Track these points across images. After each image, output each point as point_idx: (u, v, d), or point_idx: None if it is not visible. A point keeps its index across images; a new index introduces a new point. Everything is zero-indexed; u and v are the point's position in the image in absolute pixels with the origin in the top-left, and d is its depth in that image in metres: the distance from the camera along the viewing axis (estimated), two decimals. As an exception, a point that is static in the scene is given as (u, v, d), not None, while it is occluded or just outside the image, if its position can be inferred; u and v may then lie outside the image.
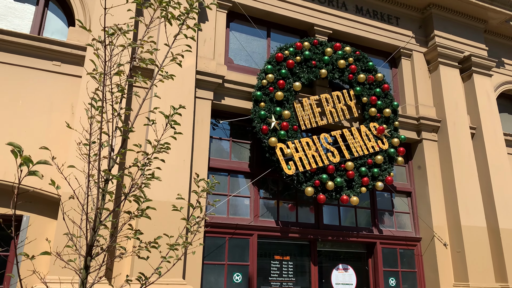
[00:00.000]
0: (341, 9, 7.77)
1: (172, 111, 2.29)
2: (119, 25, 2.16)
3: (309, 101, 6.85)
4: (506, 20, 8.76)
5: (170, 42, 2.45)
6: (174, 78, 2.35)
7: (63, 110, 5.35)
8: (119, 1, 3.91)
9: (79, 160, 2.49)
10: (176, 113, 2.27)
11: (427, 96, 7.99)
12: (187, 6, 2.40)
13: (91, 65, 4.98)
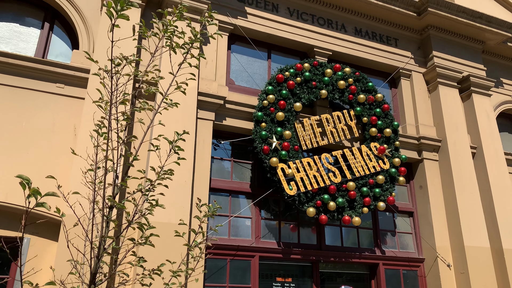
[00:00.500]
0: (340, 31, 7.89)
1: (176, 136, 2.32)
2: (125, 56, 2.21)
3: (310, 121, 6.89)
4: (503, 41, 8.89)
5: (174, 70, 2.50)
6: (176, 96, 2.39)
7: (65, 132, 5.39)
8: (125, 32, 3.99)
9: (81, 184, 2.50)
10: (180, 139, 2.30)
11: (427, 116, 8.04)
12: (191, 35, 2.46)
13: (94, 86, 5.05)
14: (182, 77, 2.62)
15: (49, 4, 6.08)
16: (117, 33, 2.72)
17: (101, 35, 5.59)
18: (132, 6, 2.08)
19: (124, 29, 3.77)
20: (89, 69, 5.59)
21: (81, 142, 4.95)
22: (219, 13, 6.92)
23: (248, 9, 7.21)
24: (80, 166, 4.28)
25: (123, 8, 2.06)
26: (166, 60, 5.72)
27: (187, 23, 2.40)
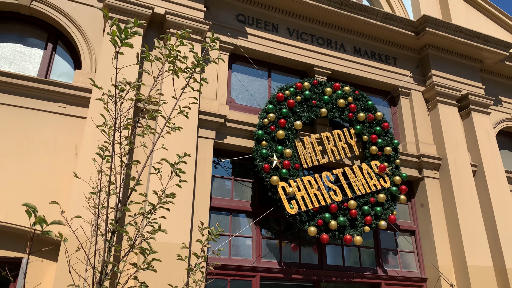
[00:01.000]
0: (339, 50, 7.99)
1: (177, 159, 2.33)
2: (128, 81, 2.24)
3: (310, 140, 6.91)
4: (501, 59, 8.99)
5: (177, 94, 2.53)
6: (178, 119, 2.41)
7: (67, 151, 5.40)
8: (128, 54, 4.05)
9: (83, 208, 2.49)
10: (181, 161, 2.31)
11: (427, 134, 8.07)
12: (194, 60, 2.50)
13: (96, 108, 5.08)
14: (184, 101, 2.64)
15: (52, 25, 6.17)
16: (120, 57, 2.76)
17: (103, 55, 5.66)
18: (136, 35, 2.11)
19: (127, 52, 3.82)
20: (91, 89, 5.63)
21: (82, 161, 4.95)
22: (220, 33, 7.02)
23: (249, 30, 7.32)
24: (81, 188, 4.27)
25: (127, 36, 2.09)
26: (168, 83, 5.76)
27: (190, 49, 2.44)
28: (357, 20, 7.86)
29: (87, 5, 6.26)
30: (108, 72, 5.47)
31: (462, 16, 9.23)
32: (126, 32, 2.08)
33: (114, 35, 2.10)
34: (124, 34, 2.09)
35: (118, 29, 2.10)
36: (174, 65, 2.32)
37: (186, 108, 2.35)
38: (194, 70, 2.39)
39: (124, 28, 2.04)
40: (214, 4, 7.16)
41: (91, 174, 3.67)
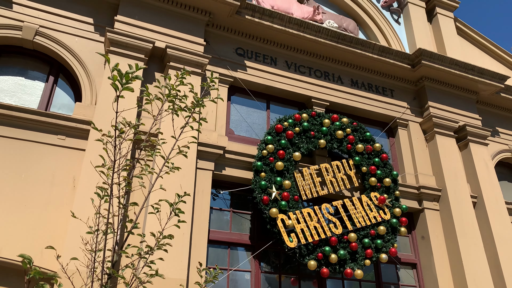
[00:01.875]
0: (337, 82, 8.10)
1: (176, 198, 2.31)
2: (128, 121, 2.26)
3: (309, 171, 6.90)
4: (496, 91, 9.12)
5: (176, 134, 2.54)
6: (176, 150, 2.40)
7: (64, 183, 5.37)
8: (128, 98, 4.07)
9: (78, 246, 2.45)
10: (181, 201, 2.29)
11: (426, 165, 8.07)
12: (193, 100, 2.52)
13: (94, 147, 5.07)
14: (183, 140, 2.64)
15: (54, 59, 6.27)
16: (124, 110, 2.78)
17: (104, 88, 5.71)
18: (137, 79, 2.14)
19: (127, 91, 3.85)
20: (90, 121, 5.64)
21: (79, 199, 4.90)
22: (219, 66, 7.13)
23: (248, 63, 7.44)
24: (78, 227, 4.20)
25: (128, 81, 2.12)
26: (168, 121, 5.76)
27: (189, 89, 2.47)
28: (353, 53, 8.02)
29: (89, 39, 6.39)
30: (108, 105, 5.52)
31: (457, 49, 9.43)
32: (127, 77, 2.11)
33: (115, 80, 2.12)
34: (125, 79, 2.12)
35: (119, 74, 2.13)
36: (174, 104, 2.34)
37: (185, 148, 2.36)
38: (193, 110, 2.41)
39: (125, 73, 2.07)
40: (213, 38, 7.32)
41: (89, 213, 3.62)
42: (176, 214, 2.24)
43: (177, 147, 2.34)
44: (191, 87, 2.53)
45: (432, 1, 9.90)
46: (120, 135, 2.18)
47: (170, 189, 5.24)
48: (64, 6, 6.40)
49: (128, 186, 2.18)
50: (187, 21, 6.93)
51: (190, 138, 2.44)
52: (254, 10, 7.31)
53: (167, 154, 2.39)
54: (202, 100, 2.47)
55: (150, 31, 6.56)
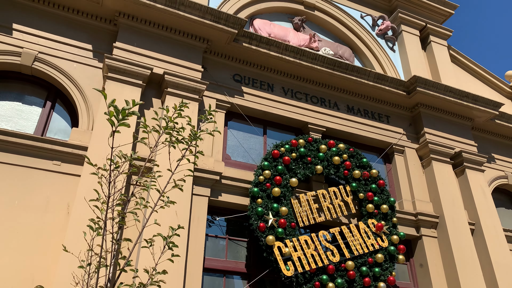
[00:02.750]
0: (333, 108, 8.16)
1: (170, 232, 2.28)
2: (124, 154, 2.24)
3: (306, 197, 6.85)
4: (491, 118, 9.20)
5: (173, 167, 2.52)
6: (171, 184, 2.38)
7: (58, 210, 5.29)
8: (125, 134, 4.06)
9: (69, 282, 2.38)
10: (175, 234, 2.25)
11: (423, 191, 8.04)
12: (190, 133, 2.52)
13: (87, 181, 5.02)
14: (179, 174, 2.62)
15: (52, 84, 6.29)
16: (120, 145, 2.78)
17: (101, 114, 5.72)
18: (133, 114, 2.15)
19: (126, 143, 3.81)
20: (86, 146, 5.64)
21: (72, 227, 4.82)
22: (217, 92, 7.18)
23: (245, 89, 7.51)
24: (70, 261, 4.09)
25: (124, 118, 2.12)
26: (165, 153, 5.71)
27: (187, 122, 2.47)
28: (349, 80, 8.12)
29: (88, 65, 6.44)
30: (104, 132, 5.49)
31: (451, 76, 9.57)
32: (124, 113, 2.11)
33: (111, 116, 2.12)
34: (121, 115, 2.12)
35: (115, 109, 2.13)
36: (171, 137, 2.34)
37: (181, 181, 2.34)
38: (190, 143, 2.40)
39: (122, 109, 2.07)
40: (211, 64, 7.40)
41: (81, 247, 3.55)
42: (169, 248, 2.20)
43: (173, 180, 2.32)
44: (189, 120, 2.53)
45: (425, 30, 10.11)
46: (115, 169, 2.16)
47: (165, 216, 5.18)
48: (63, 33, 6.48)
49: (122, 221, 2.14)
50: (185, 48, 7.02)
51: (187, 171, 2.41)
52: (251, 38, 7.43)
53: (163, 186, 2.36)
54: (199, 134, 2.47)
55: (148, 57, 6.63)
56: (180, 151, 2.43)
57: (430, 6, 10.29)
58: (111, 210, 2.09)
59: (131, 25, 6.72)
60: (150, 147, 2.42)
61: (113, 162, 2.18)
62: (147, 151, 5.38)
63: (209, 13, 6.86)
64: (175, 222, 5.38)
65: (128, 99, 5.99)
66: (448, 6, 10.42)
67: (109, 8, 6.60)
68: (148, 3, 6.54)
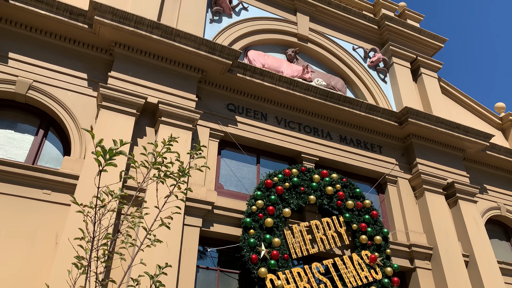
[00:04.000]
0: (326, 138, 8.22)
1: (157, 270, 2.23)
2: (111, 191, 2.23)
3: (299, 228, 6.79)
4: (482, 149, 9.30)
5: (161, 204, 2.50)
6: (161, 205, 2.34)
7: (47, 240, 5.18)
8: (114, 173, 4.04)
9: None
10: (162, 273, 2.21)
11: (416, 222, 8.01)
12: (181, 163, 2.52)
13: (73, 220, 4.92)
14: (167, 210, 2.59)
15: (45, 112, 6.29)
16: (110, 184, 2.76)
17: (90, 155, 5.65)
18: (121, 154, 2.15)
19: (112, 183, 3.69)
20: (78, 175, 5.59)
21: (57, 266, 4.70)
22: (210, 121, 7.22)
23: (238, 118, 7.56)
24: None
25: (111, 158, 2.12)
26: (153, 188, 5.61)
27: (176, 157, 2.47)
28: (342, 110, 8.21)
29: (82, 94, 6.46)
30: (93, 171, 5.39)
31: (442, 107, 9.73)
32: (111, 153, 2.11)
33: (99, 155, 2.12)
34: (109, 154, 2.12)
35: (102, 150, 2.13)
36: (159, 172, 2.33)
37: (168, 219, 2.31)
38: (179, 180, 2.39)
39: (109, 149, 2.07)
40: (205, 94, 7.47)
41: (66, 286, 3.45)
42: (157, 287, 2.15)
43: (160, 218, 2.29)
44: (178, 156, 2.53)
45: (416, 62, 10.35)
46: (101, 207, 2.14)
47: (155, 249, 5.08)
48: (59, 62, 6.53)
49: (107, 261, 2.10)
50: (180, 77, 7.10)
51: (175, 209, 2.39)
52: (245, 69, 7.54)
53: (151, 224, 2.33)
54: (188, 170, 2.46)
55: (143, 86, 6.69)
56: (168, 187, 2.41)
57: (420, 40, 10.57)
58: (96, 249, 2.05)
59: (127, 55, 6.80)
60: (138, 183, 2.41)
61: (99, 200, 2.15)
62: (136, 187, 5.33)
63: (204, 44, 6.99)
64: (165, 254, 5.27)
65: (121, 128, 5.99)
66: (438, 40, 10.71)
67: (106, 38, 6.70)
68: (144, 34, 6.65)
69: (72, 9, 6.45)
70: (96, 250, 2.05)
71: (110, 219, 2.22)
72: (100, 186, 2.12)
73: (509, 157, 9.69)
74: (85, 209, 2.24)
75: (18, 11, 6.26)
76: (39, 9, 6.28)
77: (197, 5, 8.15)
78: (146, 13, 7.34)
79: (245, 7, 8.98)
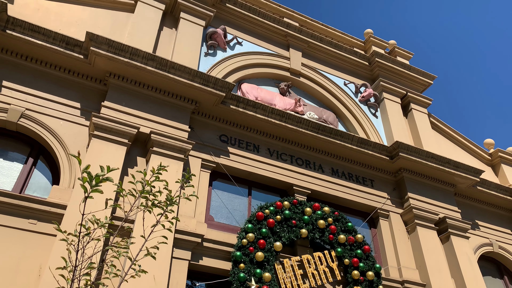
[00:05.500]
0: (318, 171, 8.22)
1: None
2: (97, 219, 2.19)
3: (291, 262, 6.66)
4: (472, 185, 9.34)
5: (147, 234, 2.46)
6: (150, 238, 2.29)
7: (30, 271, 5.01)
8: (101, 201, 4.00)
9: None
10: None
11: (409, 258, 7.90)
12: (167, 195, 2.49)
13: (59, 248, 4.81)
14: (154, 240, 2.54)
15: (36, 140, 6.25)
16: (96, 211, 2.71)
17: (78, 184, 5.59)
18: (107, 181, 2.13)
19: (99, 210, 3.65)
20: (66, 204, 5.48)
21: (43, 286, 4.55)
22: (202, 152, 7.21)
23: (231, 149, 7.57)
24: None
25: (98, 184, 2.10)
26: (140, 217, 5.53)
27: (164, 185, 2.45)
28: (333, 143, 8.27)
29: (74, 123, 6.45)
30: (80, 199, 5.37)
31: (432, 143, 9.84)
32: (97, 180, 2.09)
33: (85, 181, 2.10)
34: (95, 181, 2.10)
35: (89, 176, 2.11)
36: (147, 201, 2.30)
37: (154, 249, 2.26)
38: (166, 209, 2.36)
39: (95, 176, 2.05)
40: (198, 124, 7.50)
41: None
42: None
43: (145, 248, 2.24)
44: (166, 184, 2.51)
45: (406, 98, 10.55)
46: (86, 235, 2.09)
47: (142, 282, 4.93)
48: (52, 91, 6.56)
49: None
50: (174, 108, 7.14)
51: (161, 238, 2.34)
52: (238, 101, 7.63)
53: (137, 253, 2.27)
54: (175, 199, 2.43)
55: (136, 117, 6.70)
56: (155, 217, 2.37)
57: (410, 76, 10.84)
58: (78, 279, 1.98)
59: (121, 85, 6.86)
60: (125, 211, 2.37)
61: (84, 228, 2.10)
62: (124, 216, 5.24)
63: (198, 76, 7.09)
64: (152, 287, 5.12)
65: (112, 157, 5.95)
66: (427, 77, 10.99)
67: (100, 69, 6.77)
68: (139, 65, 6.74)
69: (69, 40, 6.55)
70: (78, 279, 1.97)
71: (95, 248, 2.16)
72: (85, 213, 2.07)
73: (499, 193, 9.73)
74: (69, 237, 2.18)
75: (14, 41, 6.34)
76: (36, 39, 6.37)
77: (193, 39, 8.33)
78: (142, 45, 7.47)
79: (239, 42, 9.19)
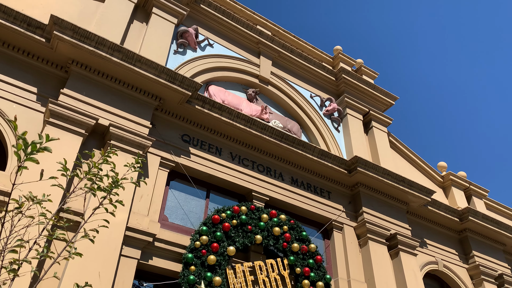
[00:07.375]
0: (278, 178, 8.26)
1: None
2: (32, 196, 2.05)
3: (243, 268, 6.61)
4: (424, 204, 9.70)
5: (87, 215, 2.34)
6: (100, 231, 2.17)
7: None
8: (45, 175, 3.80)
9: None
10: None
11: (359, 271, 8.05)
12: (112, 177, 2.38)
13: None
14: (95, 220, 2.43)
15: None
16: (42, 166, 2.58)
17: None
18: (45, 150, 2.02)
19: (44, 163, 3.53)
20: (10, 192, 5.17)
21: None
22: (162, 150, 7.06)
23: (192, 150, 7.46)
24: None
25: (33, 152, 1.98)
26: (82, 199, 5.33)
27: (111, 168, 2.36)
28: (295, 153, 8.35)
29: (29, 107, 6.14)
30: (31, 176, 5.11)
31: (389, 160, 10.16)
32: (34, 147, 1.98)
33: (19, 149, 1.97)
34: (31, 148, 1.98)
35: (24, 143, 1.99)
36: (92, 184, 2.19)
37: (93, 231, 2.16)
38: (110, 191, 2.26)
39: (31, 143, 1.94)
40: (160, 122, 7.35)
41: None
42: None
43: (83, 230, 2.13)
44: (113, 166, 2.41)
45: (368, 115, 10.87)
46: (16, 209, 1.95)
47: (85, 276, 4.72)
48: (8, 72, 6.22)
49: (13, 272, 1.88)
50: (136, 102, 6.97)
51: (102, 222, 2.23)
52: (204, 101, 7.56)
53: (74, 235, 2.16)
54: (121, 182, 2.34)
55: (95, 107, 6.48)
56: (99, 200, 2.27)
57: (373, 95, 11.18)
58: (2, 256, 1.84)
59: (83, 74, 6.62)
60: (66, 192, 2.25)
61: (16, 202, 1.97)
62: (79, 200, 5.01)
63: (165, 72, 6.96)
64: (96, 286, 4.89)
65: (66, 147, 5.69)
66: (390, 97, 11.38)
67: (62, 55, 6.51)
68: (105, 55, 6.54)
69: (31, 21, 6.26)
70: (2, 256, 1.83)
71: (28, 227, 2.02)
72: (16, 183, 1.94)
73: (448, 214, 10.16)
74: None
75: (-29, 15, 5.98)
76: (-4, 17, 6.04)
77: (163, 35, 8.21)
78: (109, 35, 7.27)
79: (210, 43, 9.15)
